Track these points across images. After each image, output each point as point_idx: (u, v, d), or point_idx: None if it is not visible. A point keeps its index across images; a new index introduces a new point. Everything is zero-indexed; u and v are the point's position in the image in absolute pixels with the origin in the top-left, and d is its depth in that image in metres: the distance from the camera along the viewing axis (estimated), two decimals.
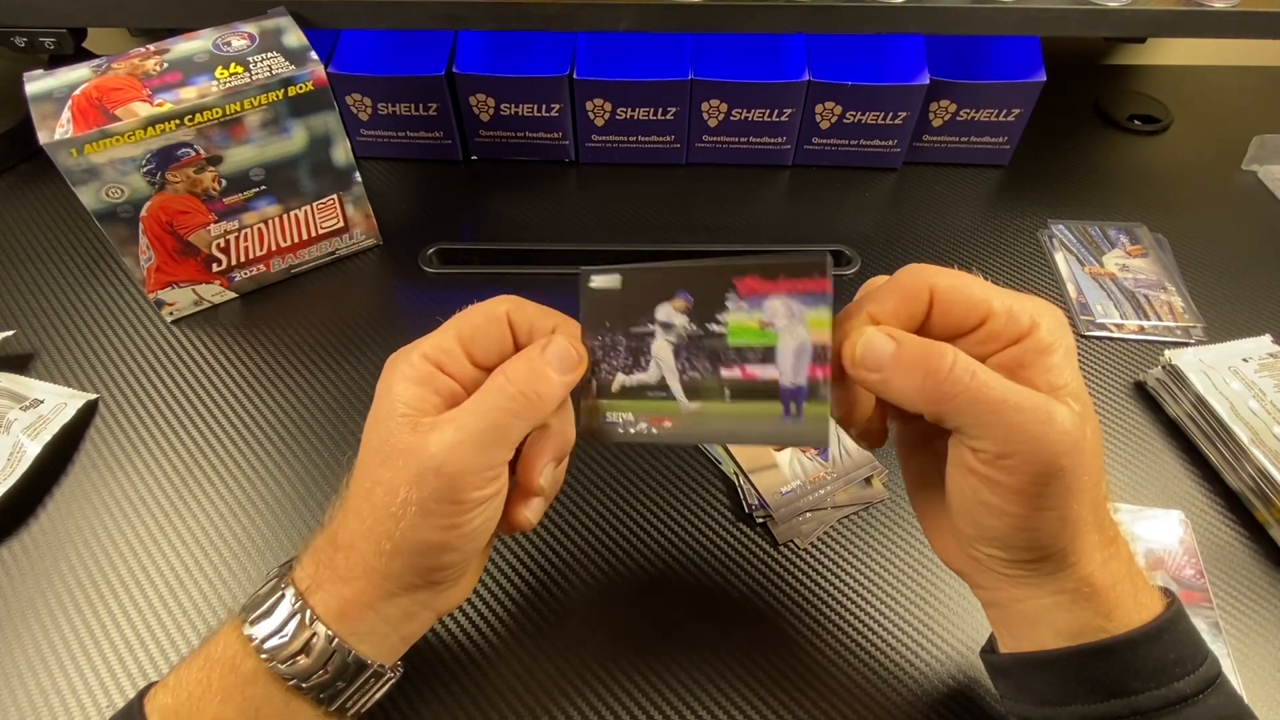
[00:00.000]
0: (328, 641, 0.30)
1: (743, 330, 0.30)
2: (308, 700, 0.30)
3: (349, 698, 0.31)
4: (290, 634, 0.29)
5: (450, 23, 0.57)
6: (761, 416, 0.30)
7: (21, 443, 0.46)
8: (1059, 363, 0.28)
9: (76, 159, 0.45)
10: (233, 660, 0.30)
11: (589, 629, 0.42)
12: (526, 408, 0.30)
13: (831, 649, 0.41)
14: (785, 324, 0.29)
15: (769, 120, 0.64)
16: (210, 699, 0.29)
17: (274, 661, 0.29)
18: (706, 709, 0.39)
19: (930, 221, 0.65)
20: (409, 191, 0.66)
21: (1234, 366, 0.49)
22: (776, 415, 0.29)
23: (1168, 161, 0.71)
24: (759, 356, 0.29)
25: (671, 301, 0.31)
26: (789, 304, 0.29)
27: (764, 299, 0.29)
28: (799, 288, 0.28)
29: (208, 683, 0.30)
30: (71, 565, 0.44)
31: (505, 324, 0.31)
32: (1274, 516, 0.45)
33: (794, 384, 0.29)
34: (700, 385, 0.31)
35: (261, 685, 0.30)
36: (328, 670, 0.30)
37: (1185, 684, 0.29)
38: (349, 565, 0.30)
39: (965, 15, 0.57)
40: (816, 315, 0.28)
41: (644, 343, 0.31)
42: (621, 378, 0.32)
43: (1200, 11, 0.57)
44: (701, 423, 0.31)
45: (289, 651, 0.29)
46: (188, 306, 0.56)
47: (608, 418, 0.32)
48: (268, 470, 0.48)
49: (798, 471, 0.47)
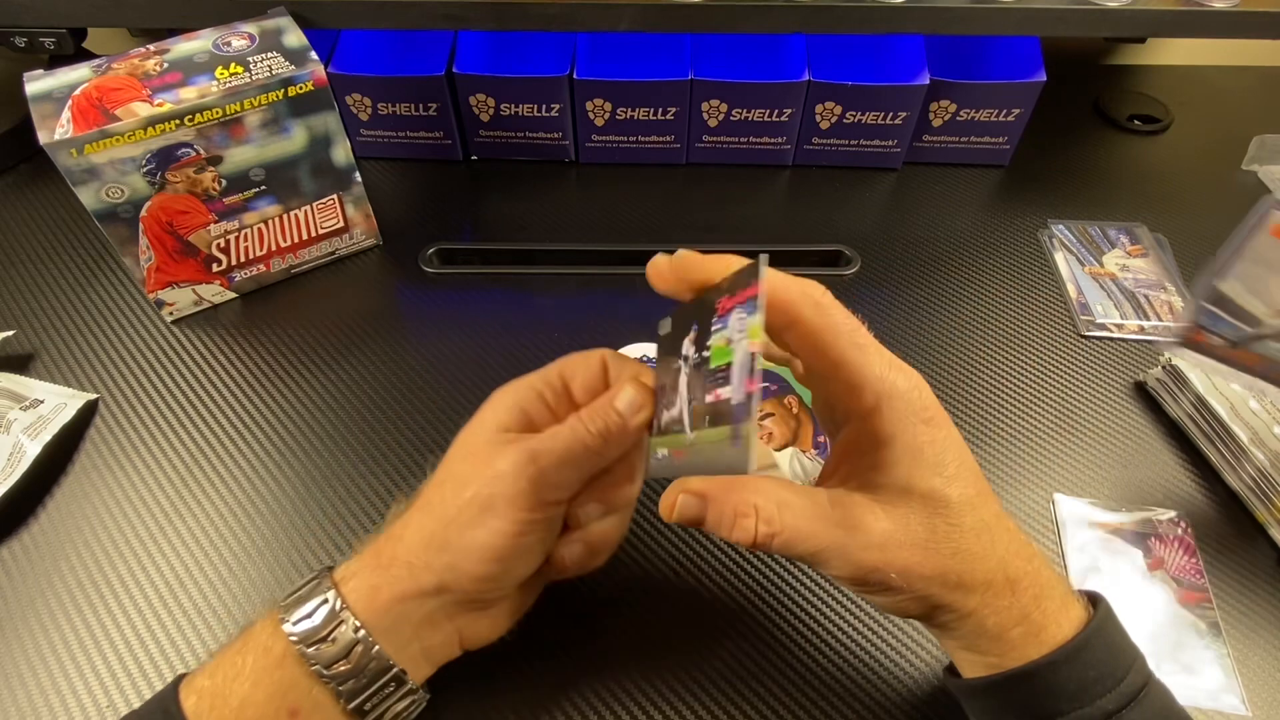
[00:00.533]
0: (353, 631, 0.30)
1: (719, 351, 0.28)
2: (329, 692, 0.30)
3: (369, 699, 0.31)
4: (321, 619, 0.30)
5: (450, 23, 0.57)
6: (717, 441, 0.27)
7: (21, 443, 0.46)
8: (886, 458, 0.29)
9: (76, 159, 0.45)
10: (266, 643, 0.31)
11: (587, 629, 0.42)
12: (595, 441, 0.31)
13: (831, 649, 0.41)
14: (738, 338, 0.27)
15: (769, 120, 0.64)
16: (242, 680, 0.30)
17: (302, 645, 0.30)
18: (706, 709, 0.39)
19: (930, 221, 0.65)
20: (409, 191, 0.66)
21: None
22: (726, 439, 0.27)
23: (1168, 161, 0.71)
24: (725, 376, 0.28)
25: (690, 333, 0.31)
26: (740, 316, 0.27)
27: (728, 315, 0.28)
28: (745, 296, 0.27)
29: (242, 665, 0.31)
30: (71, 565, 0.44)
31: (601, 365, 0.34)
32: (1274, 516, 0.45)
33: (738, 401, 0.26)
34: (697, 413, 0.30)
35: (289, 669, 0.30)
36: (350, 660, 0.30)
37: (1108, 700, 0.29)
38: (393, 553, 0.32)
39: (965, 15, 0.57)
40: (754, 323, 0.26)
41: (676, 378, 0.32)
42: (666, 414, 0.32)
43: (1200, 11, 0.57)
44: (697, 453, 0.29)
45: (316, 636, 0.30)
46: (188, 306, 0.56)
47: (657, 454, 0.32)
48: (268, 470, 0.48)
49: (798, 471, 0.47)
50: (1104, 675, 0.29)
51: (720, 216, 0.64)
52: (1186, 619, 0.42)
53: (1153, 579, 0.43)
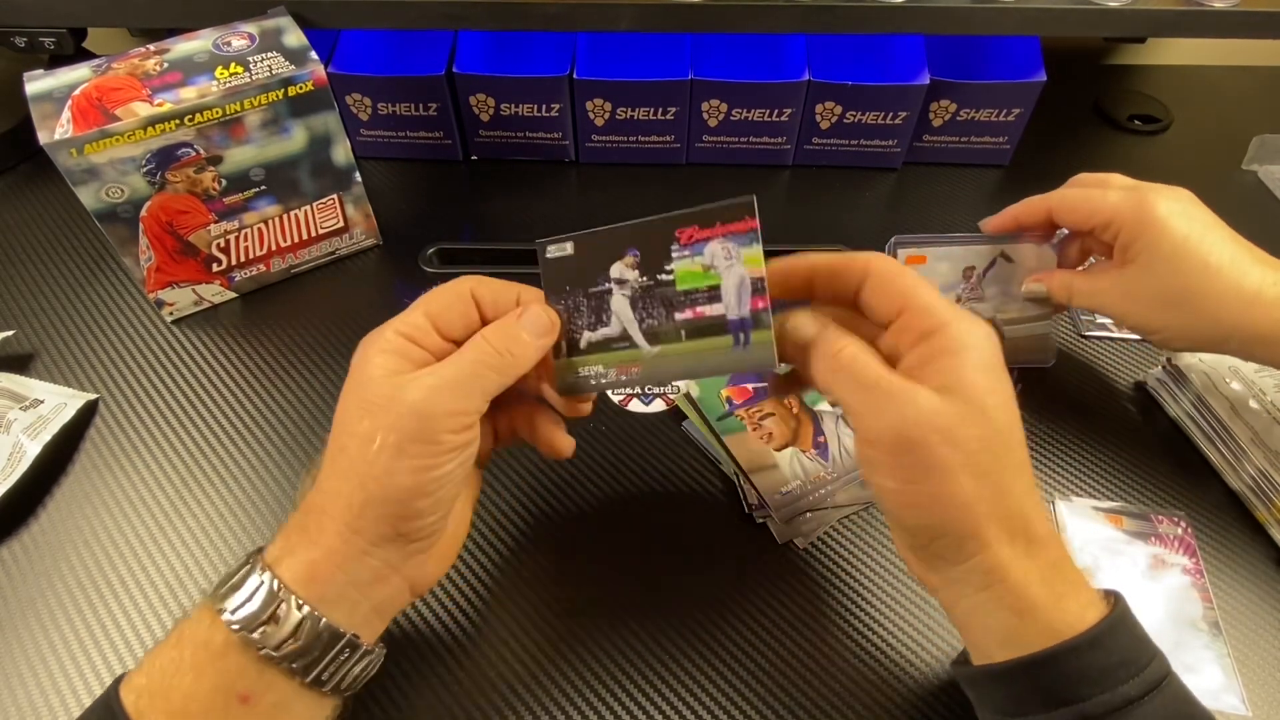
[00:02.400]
0: (297, 608, 0.30)
1: (689, 275, 0.33)
2: (282, 671, 0.30)
3: (324, 668, 0.31)
4: (259, 604, 0.30)
5: (450, 23, 0.57)
6: (715, 349, 0.33)
7: (21, 443, 0.46)
8: (957, 365, 0.30)
9: (76, 159, 0.45)
10: (204, 636, 0.30)
11: (587, 628, 0.42)
12: (501, 364, 0.32)
13: (831, 649, 0.41)
14: (725, 264, 0.33)
15: (769, 120, 0.64)
16: (183, 675, 0.29)
17: (244, 631, 0.29)
18: (706, 708, 0.39)
19: (930, 221, 0.65)
20: (409, 191, 0.66)
21: (1234, 366, 0.49)
22: (727, 346, 0.33)
23: (1168, 161, 0.71)
24: (706, 297, 0.33)
25: (622, 260, 0.34)
26: (726, 245, 0.32)
27: (704, 244, 0.33)
28: (732, 229, 0.32)
29: (180, 660, 0.30)
30: (71, 565, 0.44)
31: (470, 300, 0.34)
32: (1274, 516, 0.45)
33: (739, 316, 0.33)
34: (658, 330, 0.34)
35: (234, 658, 0.29)
36: (299, 638, 0.30)
37: (1130, 687, 0.29)
38: (319, 527, 0.31)
39: (965, 15, 0.57)
40: (751, 253, 0.32)
41: (603, 300, 0.35)
42: (588, 334, 0.35)
43: (1200, 11, 0.57)
44: (664, 363, 0.34)
45: (258, 620, 0.29)
46: (188, 306, 0.56)
47: (580, 372, 0.36)
48: (268, 470, 0.48)
49: (798, 471, 0.47)
50: (1126, 662, 0.30)
51: None
52: (1186, 619, 0.42)
53: (1153, 579, 0.43)
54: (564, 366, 0.36)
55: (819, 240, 0.62)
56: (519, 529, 0.45)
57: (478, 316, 0.34)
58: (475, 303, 0.34)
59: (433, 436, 0.30)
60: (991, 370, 0.30)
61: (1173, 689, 0.30)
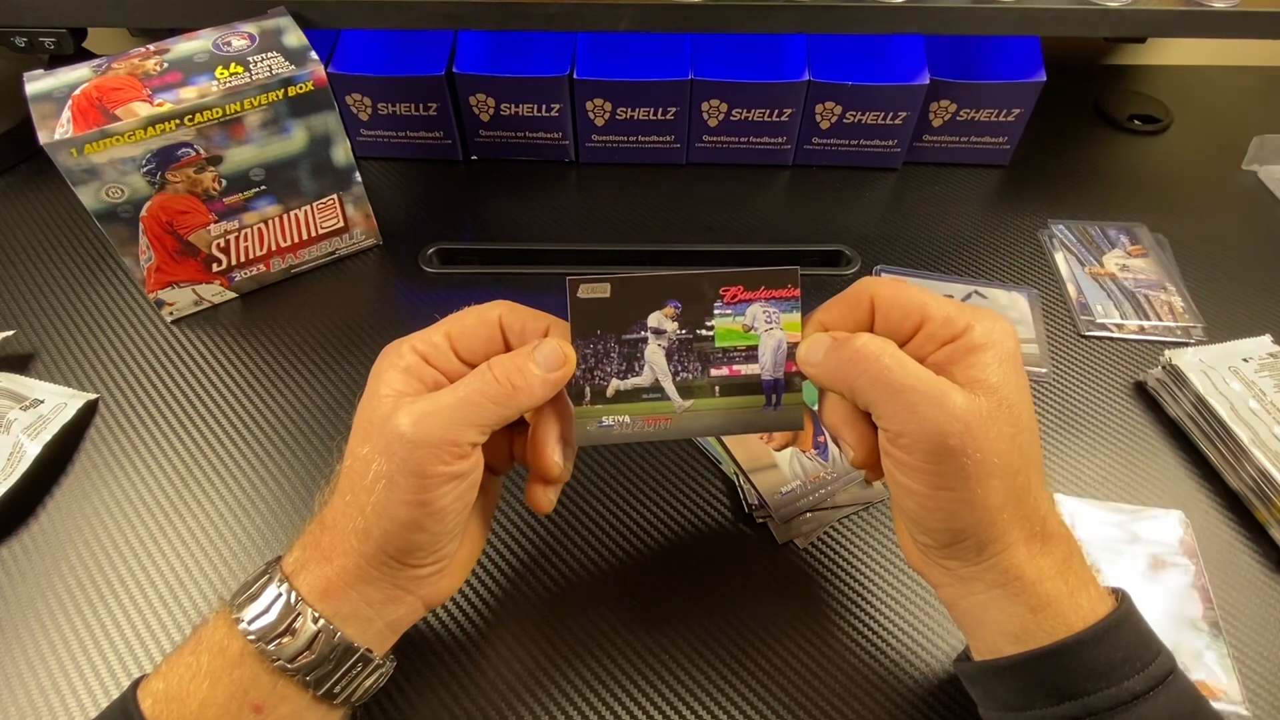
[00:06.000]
0: (313, 622, 0.30)
1: (728, 333, 0.34)
2: (295, 683, 0.30)
3: (337, 682, 0.31)
4: (276, 615, 0.30)
5: (450, 23, 0.57)
6: (747, 408, 0.35)
7: (21, 443, 0.46)
8: (984, 360, 0.30)
9: (76, 159, 0.45)
10: (221, 643, 0.30)
11: (588, 629, 0.42)
12: (502, 395, 0.31)
13: (831, 649, 0.41)
14: (765, 327, 0.34)
15: (769, 120, 0.64)
16: (200, 682, 0.30)
17: (260, 642, 0.29)
18: (705, 708, 0.39)
19: (930, 221, 0.65)
20: (409, 191, 0.66)
21: (1234, 366, 0.49)
22: (759, 405, 0.35)
23: (1168, 161, 0.71)
24: (743, 356, 0.34)
25: (662, 309, 0.34)
26: (768, 310, 0.34)
27: (746, 305, 0.34)
28: (776, 295, 0.34)
29: (197, 666, 0.30)
30: (71, 565, 0.44)
31: (496, 326, 0.33)
32: (1274, 516, 0.45)
33: (774, 377, 0.34)
34: (692, 384, 0.35)
35: (249, 667, 0.30)
36: (313, 651, 0.30)
37: (1135, 682, 0.29)
38: (332, 544, 0.31)
39: (965, 15, 0.57)
40: (790, 319, 0.34)
41: (637, 348, 0.34)
42: (616, 382, 0.34)
43: (1200, 11, 0.57)
44: (694, 418, 0.35)
45: (275, 632, 0.30)
46: (188, 306, 0.56)
47: (603, 421, 0.35)
48: (268, 470, 0.48)
49: (798, 471, 0.47)
50: (1132, 657, 0.30)
51: (720, 216, 0.64)
52: (1186, 619, 0.42)
53: (1153, 579, 0.43)
54: (586, 413, 0.35)
55: (819, 240, 0.62)
56: (519, 529, 0.45)
57: (502, 343, 0.33)
58: (502, 329, 0.33)
59: (421, 469, 0.29)
60: (1016, 364, 0.30)
61: (1178, 685, 0.30)
